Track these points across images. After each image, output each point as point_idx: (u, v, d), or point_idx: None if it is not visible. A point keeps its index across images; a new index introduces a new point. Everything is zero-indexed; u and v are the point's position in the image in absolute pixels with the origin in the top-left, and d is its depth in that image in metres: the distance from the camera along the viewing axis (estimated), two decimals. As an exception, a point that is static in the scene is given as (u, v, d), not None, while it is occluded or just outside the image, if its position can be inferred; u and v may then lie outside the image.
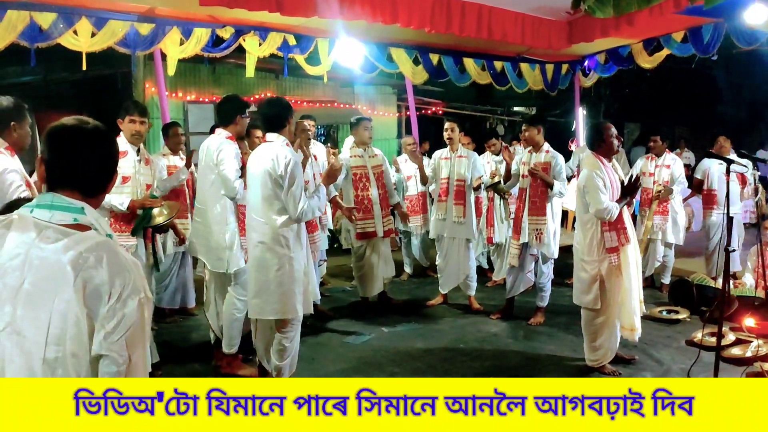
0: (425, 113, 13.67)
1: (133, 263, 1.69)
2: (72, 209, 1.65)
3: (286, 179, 3.74)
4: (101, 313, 1.62)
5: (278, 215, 3.81)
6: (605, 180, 4.37)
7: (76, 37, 5.45)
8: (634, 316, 4.46)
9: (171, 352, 4.87)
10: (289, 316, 3.89)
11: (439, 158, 6.24)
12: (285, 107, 4.04)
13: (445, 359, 4.92)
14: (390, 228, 6.17)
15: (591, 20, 6.63)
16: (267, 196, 3.81)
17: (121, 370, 1.66)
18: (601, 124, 4.66)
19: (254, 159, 3.92)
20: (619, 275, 4.42)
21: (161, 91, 6.75)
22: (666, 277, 6.89)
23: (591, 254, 4.46)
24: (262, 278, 3.85)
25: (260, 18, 5.86)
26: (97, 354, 1.63)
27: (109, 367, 1.65)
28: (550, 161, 5.57)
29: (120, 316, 1.63)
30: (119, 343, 1.64)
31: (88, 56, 5.62)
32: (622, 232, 4.42)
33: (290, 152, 3.84)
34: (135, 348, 1.67)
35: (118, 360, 1.65)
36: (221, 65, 9.88)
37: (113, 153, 1.82)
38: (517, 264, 5.74)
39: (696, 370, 4.32)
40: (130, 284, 1.65)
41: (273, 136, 3.92)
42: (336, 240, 8.40)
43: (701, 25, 6.52)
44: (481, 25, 6.28)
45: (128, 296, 1.64)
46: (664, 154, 6.80)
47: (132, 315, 1.65)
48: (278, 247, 3.81)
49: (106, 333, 1.62)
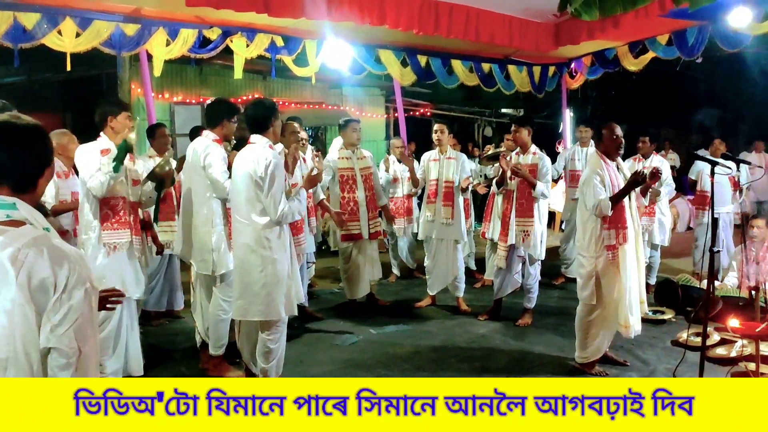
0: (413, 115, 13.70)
1: (76, 254, 1.69)
2: (3, 206, 1.65)
3: (266, 181, 3.74)
4: (48, 306, 1.61)
5: (260, 217, 3.81)
6: (605, 178, 4.43)
7: (61, 37, 5.40)
8: (629, 314, 4.48)
9: (157, 355, 4.84)
10: (273, 317, 3.88)
11: (429, 160, 6.25)
12: (269, 108, 4.01)
13: (434, 360, 4.92)
14: (377, 230, 6.17)
15: (577, 23, 6.67)
16: (249, 197, 3.81)
17: (71, 362, 1.65)
18: (607, 124, 4.66)
19: (238, 161, 3.92)
20: (617, 273, 4.44)
21: (147, 92, 6.71)
22: (652, 278, 6.93)
23: (589, 250, 4.52)
24: (245, 280, 3.85)
25: (247, 19, 5.84)
26: (46, 347, 1.62)
27: (58, 360, 1.64)
28: (537, 162, 5.59)
29: (67, 307, 1.62)
30: (67, 335, 1.63)
31: (72, 57, 5.57)
32: (621, 232, 4.44)
33: (272, 154, 3.82)
34: (85, 340, 1.66)
35: (68, 352, 1.64)
36: (208, 66, 9.84)
37: (45, 149, 1.80)
38: (505, 265, 5.75)
39: (681, 370, 4.35)
40: (74, 275, 1.64)
41: (256, 138, 3.91)
42: (324, 242, 8.39)
43: (686, 28, 6.59)
44: (469, 27, 6.31)
45: (74, 287, 1.63)
46: (651, 155, 6.85)
47: (79, 306, 1.64)
48: (261, 248, 3.81)
49: (53, 326, 1.62)
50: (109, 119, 4.15)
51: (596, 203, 4.35)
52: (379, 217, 6.30)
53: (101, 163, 3.98)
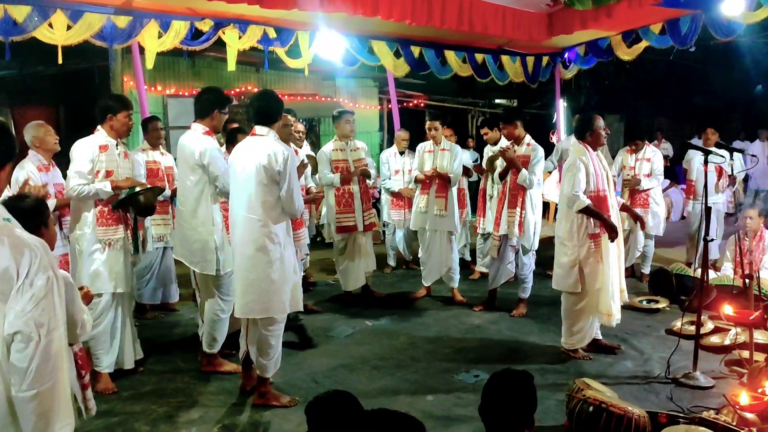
0: (407, 106, 13.65)
1: (39, 242, 1.72)
2: None
3: (286, 175, 3.66)
4: (11, 294, 1.65)
5: (272, 211, 3.71)
6: (588, 167, 4.48)
7: (52, 30, 5.35)
8: (612, 302, 4.55)
9: (153, 348, 4.84)
10: (278, 314, 3.82)
11: (423, 151, 6.25)
12: (278, 101, 3.93)
13: (429, 351, 4.93)
14: (372, 221, 6.17)
15: (571, 12, 6.67)
16: (260, 192, 3.68)
17: (30, 347, 1.68)
18: (590, 116, 4.71)
19: (242, 154, 3.79)
20: (599, 261, 4.52)
21: (140, 85, 6.67)
22: (646, 267, 6.97)
23: (571, 239, 4.57)
24: (250, 276, 3.74)
25: (240, 10, 5.80)
26: (9, 334, 1.64)
27: (17, 344, 1.67)
28: (530, 153, 5.60)
29: (29, 294, 1.66)
30: (30, 319, 1.66)
31: (64, 50, 5.52)
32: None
33: (286, 147, 3.76)
34: (46, 325, 1.69)
35: (28, 336, 1.67)
36: (201, 58, 9.77)
37: (5, 144, 1.83)
38: (497, 255, 5.78)
39: (676, 359, 4.39)
40: (36, 262, 1.67)
41: (264, 130, 3.80)
42: (318, 234, 8.38)
43: (679, 16, 6.58)
44: (462, 17, 6.29)
45: (36, 274, 1.67)
46: (644, 147, 6.88)
47: (41, 292, 1.68)
48: (270, 244, 3.71)
49: (16, 312, 1.64)
50: (109, 117, 4.13)
51: (573, 196, 4.43)
52: (373, 209, 6.30)
53: (96, 166, 4.02)
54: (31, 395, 1.79)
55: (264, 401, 3.93)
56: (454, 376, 4.43)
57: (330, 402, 2.55)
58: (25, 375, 1.76)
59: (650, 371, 4.45)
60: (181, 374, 4.47)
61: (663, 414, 3.44)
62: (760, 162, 11.17)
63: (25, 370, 1.75)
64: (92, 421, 3.44)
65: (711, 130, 7.15)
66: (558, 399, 3.90)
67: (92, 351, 4.09)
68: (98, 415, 3.36)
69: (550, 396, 3.98)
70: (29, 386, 1.78)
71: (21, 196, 2.55)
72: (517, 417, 2.45)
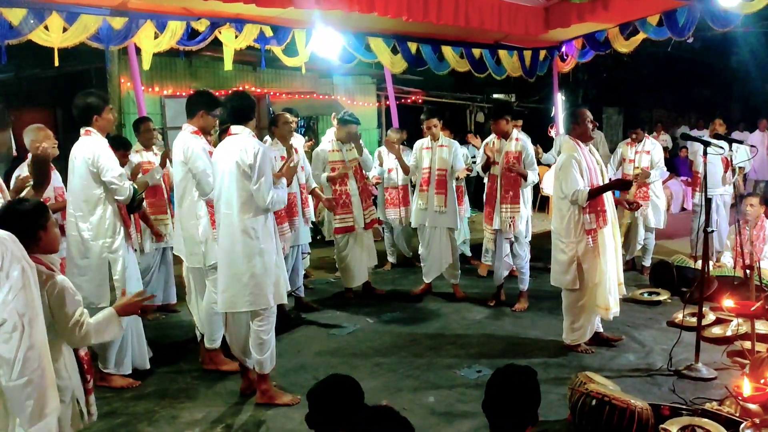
0: (405, 102, 13.63)
1: (7, 235, 1.77)
2: None
3: (256, 169, 3.73)
4: None
5: (247, 206, 3.79)
6: (581, 163, 4.48)
7: (48, 32, 5.35)
8: (609, 296, 4.55)
9: (154, 349, 4.81)
10: (262, 306, 3.86)
11: (421, 148, 6.23)
12: (251, 100, 4.06)
13: (431, 347, 4.93)
14: (372, 219, 6.18)
15: (567, 5, 6.65)
16: (236, 187, 3.79)
17: (17, 336, 1.74)
18: (576, 109, 4.73)
19: (221, 152, 3.89)
20: (597, 256, 4.51)
21: (137, 86, 6.67)
22: (647, 260, 6.97)
23: (568, 236, 4.56)
24: (232, 271, 3.82)
25: (235, 9, 5.79)
26: None
27: (4, 334, 1.74)
28: (521, 151, 5.61)
29: (7, 286, 1.73)
30: (12, 311, 1.72)
31: (60, 52, 5.52)
32: (601, 215, 4.52)
33: (258, 143, 3.85)
34: (30, 316, 1.73)
35: (15, 325, 1.72)
36: (198, 58, 9.76)
37: None
38: (493, 248, 5.84)
39: (677, 351, 4.39)
40: (8, 255, 1.73)
41: (239, 128, 3.91)
42: (319, 232, 8.38)
43: (676, 8, 6.56)
44: (458, 12, 6.28)
45: (10, 266, 1.73)
46: (644, 139, 6.87)
47: (18, 282, 1.74)
48: (247, 238, 3.79)
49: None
50: (94, 118, 4.13)
51: (573, 193, 4.42)
52: (373, 206, 6.30)
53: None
54: (23, 383, 1.88)
55: (266, 400, 3.95)
56: (457, 371, 4.43)
57: (332, 387, 2.57)
58: (14, 364, 1.85)
59: (652, 364, 4.45)
60: (183, 375, 4.47)
61: (666, 406, 3.44)
62: (760, 152, 11.16)
63: (13, 359, 1.83)
64: (95, 422, 3.44)
65: (719, 121, 7.18)
66: (560, 393, 3.90)
67: (107, 354, 4.16)
68: (101, 417, 3.37)
69: (553, 390, 3.98)
70: (20, 374, 1.87)
71: (20, 200, 2.56)
72: (521, 413, 2.44)
